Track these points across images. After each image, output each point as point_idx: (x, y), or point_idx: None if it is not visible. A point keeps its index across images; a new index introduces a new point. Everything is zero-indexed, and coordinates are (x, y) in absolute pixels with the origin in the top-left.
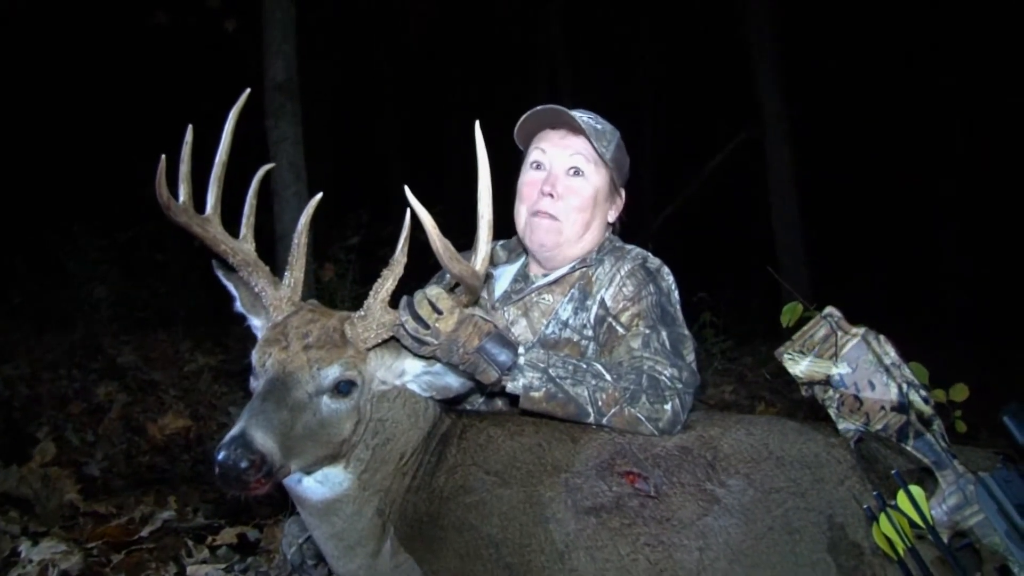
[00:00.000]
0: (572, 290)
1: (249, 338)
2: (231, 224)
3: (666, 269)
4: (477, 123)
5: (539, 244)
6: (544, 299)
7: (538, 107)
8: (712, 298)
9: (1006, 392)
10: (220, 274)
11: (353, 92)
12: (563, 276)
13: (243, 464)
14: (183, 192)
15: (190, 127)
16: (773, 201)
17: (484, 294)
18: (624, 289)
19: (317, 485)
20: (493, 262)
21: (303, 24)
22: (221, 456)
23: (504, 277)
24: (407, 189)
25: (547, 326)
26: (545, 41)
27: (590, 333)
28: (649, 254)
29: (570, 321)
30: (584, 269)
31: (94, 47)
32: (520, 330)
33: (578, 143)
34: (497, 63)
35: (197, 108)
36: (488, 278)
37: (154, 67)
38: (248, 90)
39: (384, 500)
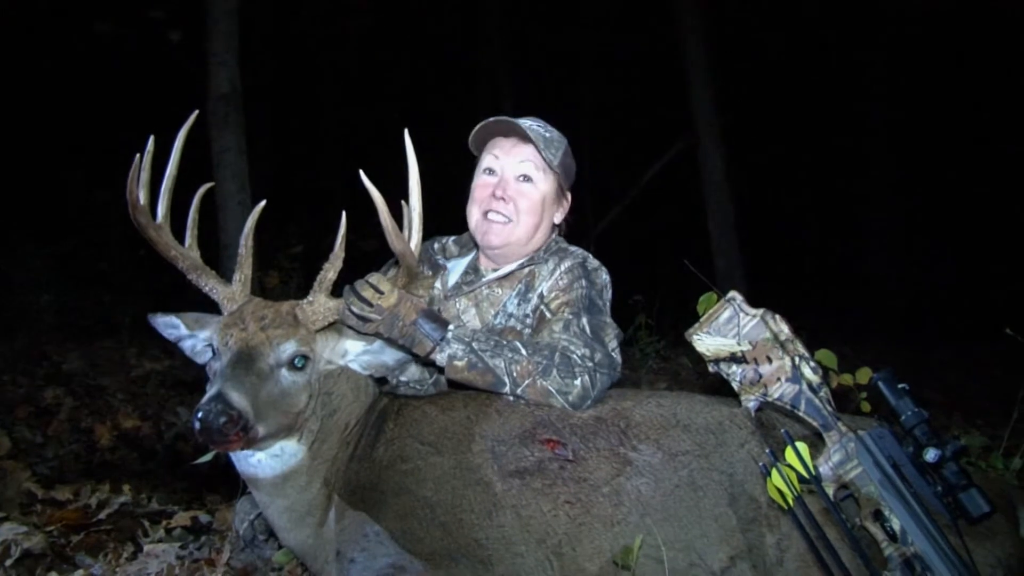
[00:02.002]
0: (519, 284)
1: None
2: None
3: (604, 270)
4: (406, 131)
5: (490, 244)
6: (494, 292)
7: (491, 119)
8: (647, 300)
9: (911, 381)
10: (156, 319)
11: (294, 103)
12: (512, 272)
13: (222, 419)
14: (142, 197)
15: (152, 137)
16: (708, 206)
17: (438, 284)
18: (560, 281)
19: (273, 460)
20: (445, 255)
21: (246, 35)
22: (201, 414)
23: (456, 270)
24: (362, 173)
25: (495, 316)
26: (486, 52)
27: (529, 321)
28: (590, 255)
29: (514, 312)
30: (531, 267)
31: (36, 57)
32: (469, 318)
33: (528, 151)
34: (437, 73)
35: (141, 119)
36: (441, 270)
37: (97, 77)
38: (196, 111)
39: (330, 470)
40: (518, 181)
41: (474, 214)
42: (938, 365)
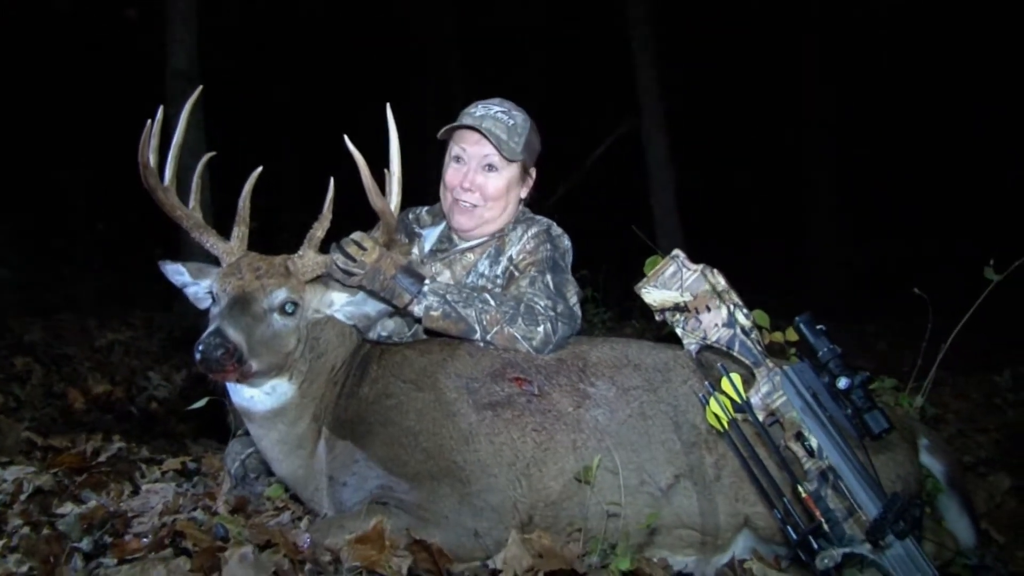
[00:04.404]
0: (490, 249)
1: (155, 318)
2: None
3: (566, 236)
4: (388, 105)
5: (461, 227)
6: (466, 257)
7: (456, 123)
8: (594, 276)
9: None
10: (166, 265)
11: (248, 82)
12: (483, 241)
13: (220, 352)
14: (152, 160)
15: (161, 108)
16: (651, 187)
17: (415, 250)
18: (527, 245)
19: (265, 396)
20: (420, 225)
21: (203, 13)
22: (202, 347)
23: (430, 237)
24: (346, 138)
25: (467, 277)
26: (436, 37)
27: (500, 281)
28: (554, 223)
29: (485, 272)
30: (500, 234)
31: None
32: (444, 280)
33: (491, 146)
34: (389, 57)
35: (99, 96)
36: (417, 237)
37: (56, 55)
38: (200, 88)
39: (319, 407)
40: (483, 171)
41: (447, 198)
42: (871, 337)
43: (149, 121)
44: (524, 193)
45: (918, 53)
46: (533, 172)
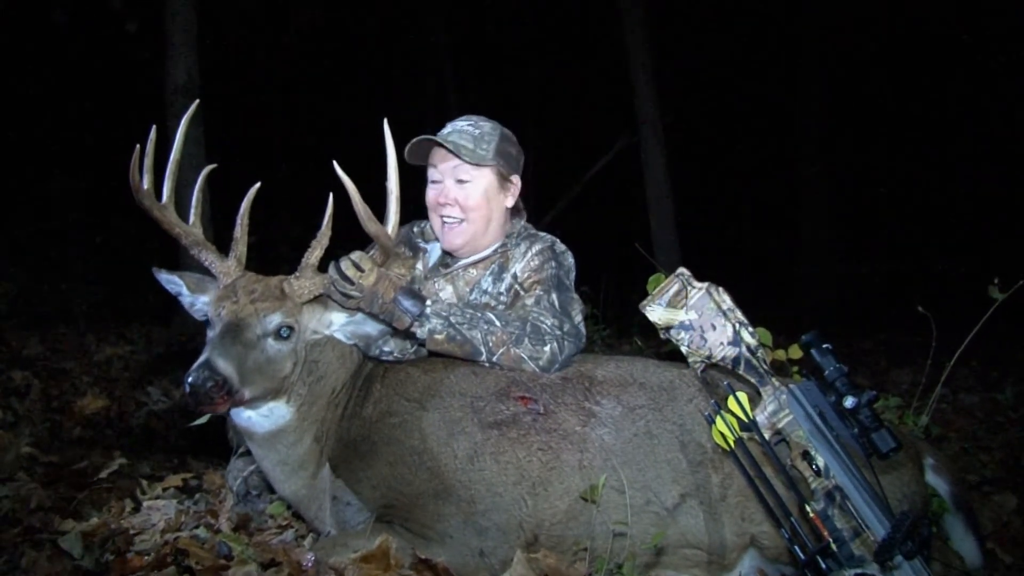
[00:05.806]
0: (493, 265)
1: (153, 332)
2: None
3: (569, 253)
4: (385, 120)
5: (453, 245)
6: (469, 272)
7: (415, 139)
8: (594, 292)
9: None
10: (161, 274)
11: (244, 96)
12: (486, 257)
13: (209, 384)
14: (146, 181)
15: (154, 127)
16: (650, 203)
17: (419, 265)
18: (531, 263)
19: (263, 419)
20: (424, 239)
21: (203, 27)
22: (191, 378)
23: (434, 252)
24: (335, 164)
25: (471, 293)
26: (434, 49)
27: (504, 299)
28: (557, 240)
29: (488, 289)
30: (504, 250)
31: None
32: (447, 295)
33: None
34: (384, 72)
35: (97, 108)
36: (421, 252)
37: (54, 66)
38: (197, 100)
39: (320, 428)
40: (458, 185)
41: (434, 221)
42: (867, 353)
43: (138, 145)
44: (509, 202)
45: (914, 68)
46: (516, 180)
